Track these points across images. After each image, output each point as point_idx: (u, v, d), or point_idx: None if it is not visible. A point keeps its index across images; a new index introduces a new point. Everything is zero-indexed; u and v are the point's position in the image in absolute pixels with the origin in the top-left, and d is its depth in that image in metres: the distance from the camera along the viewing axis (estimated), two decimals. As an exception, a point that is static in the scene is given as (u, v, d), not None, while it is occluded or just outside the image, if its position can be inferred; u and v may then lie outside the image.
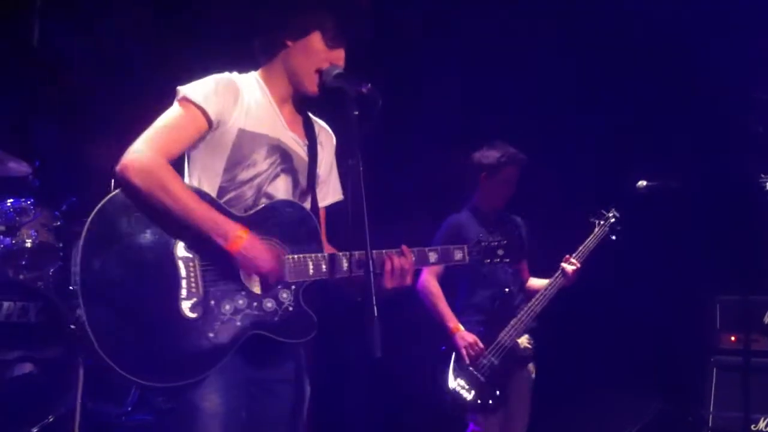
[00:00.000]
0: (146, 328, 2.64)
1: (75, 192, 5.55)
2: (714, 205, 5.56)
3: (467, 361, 4.54)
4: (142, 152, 2.72)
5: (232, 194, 2.87)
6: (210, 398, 2.72)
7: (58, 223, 5.38)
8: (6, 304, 4.84)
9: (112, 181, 5.48)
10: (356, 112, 2.75)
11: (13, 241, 5.18)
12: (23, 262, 5.21)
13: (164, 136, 2.77)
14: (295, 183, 2.99)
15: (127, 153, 2.73)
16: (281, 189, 2.95)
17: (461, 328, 4.62)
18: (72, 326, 4.72)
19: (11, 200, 5.26)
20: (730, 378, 5.05)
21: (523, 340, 4.71)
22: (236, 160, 2.87)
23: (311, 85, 2.94)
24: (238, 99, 2.88)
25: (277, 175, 2.94)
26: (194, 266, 2.71)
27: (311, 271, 2.83)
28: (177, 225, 2.70)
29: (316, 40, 2.91)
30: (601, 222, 4.85)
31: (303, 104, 3.07)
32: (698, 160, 5.62)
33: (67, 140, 5.79)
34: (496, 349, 4.57)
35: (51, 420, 4.78)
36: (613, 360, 5.78)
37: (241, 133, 2.87)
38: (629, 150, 5.78)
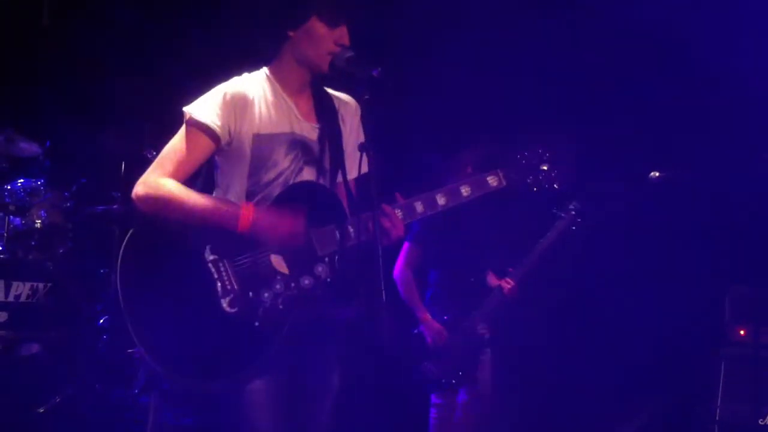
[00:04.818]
0: (195, 333, 2.74)
1: (85, 173, 5.57)
2: (724, 196, 5.52)
3: (432, 348, 4.77)
4: (147, 182, 2.84)
5: (259, 196, 2.91)
6: (254, 381, 2.79)
7: (68, 204, 5.41)
8: (15, 284, 4.86)
9: (122, 164, 5.52)
10: (366, 96, 2.75)
11: (24, 221, 5.21)
12: (33, 243, 5.23)
13: (172, 162, 2.86)
14: (321, 170, 3.01)
15: (136, 184, 2.85)
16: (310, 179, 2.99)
17: (429, 317, 4.84)
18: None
19: (22, 180, 5.29)
20: (738, 371, 5.03)
21: (481, 327, 4.82)
22: (258, 163, 2.91)
23: (325, 66, 2.93)
24: (247, 106, 2.90)
25: (301, 169, 2.96)
26: (224, 265, 2.79)
27: (338, 240, 2.85)
28: (197, 230, 2.79)
29: (315, 24, 2.91)
30: (562, 214, 4.82)
31: (319, 86, 3.07)
32: (708, 149, 5.58)
33: (77, 121, 5.80)
34: (458, 335, 4.75)
35: (58, 400, 4.80)
36: (621, 352, 5.76)
37: (257, 137, 2.90)
38: (641, 142, 5.73)
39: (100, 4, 5.87)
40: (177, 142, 2.89)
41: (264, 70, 3.02)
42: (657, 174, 4.87)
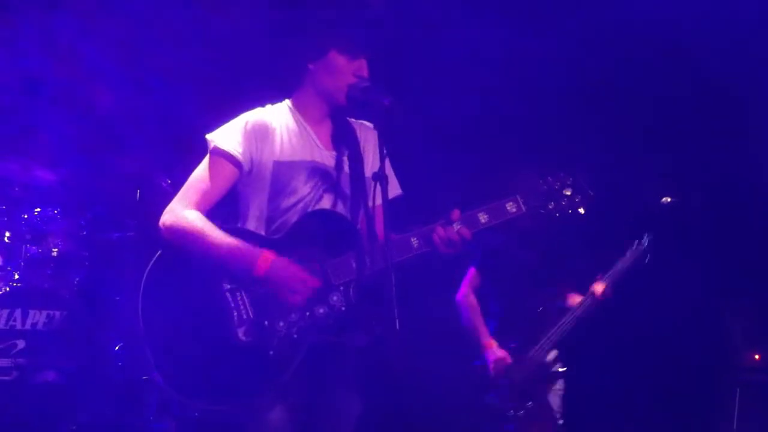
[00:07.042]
0: (211, 360, 2.80)
1: (100, 202, 5.60)
2: (739, 221, 5.51)
3: (493, 375, 4.59)
4: (173, 211, 2.93)
5: (278, 222, 2.98)
6: (269, 408, 2.84)
7: (84, 233, 5.45)
8: (32, 312, 4.89)
9: (137, 191, 5.55)
10: (380, 126, 2.80)
11: (39, 250, 5.25)
12: (48, 271, 5.26)
13: (197, 190, 2.96)
14: (342, 197, 3.06)
15: (164, 212, 2.94)
16: (327, 208, 3.03)
17: (494, 343, 4.69)
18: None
19: (38, 209, 5.33)
20: (753, 396, 5.02)
21: (551, 356, 4.68)
22: (277, 190, 2.98)
23: (342, 98, 3.01)
24: (268, 135, 2.98)
25: (321, 197, 3.03)
26: (241, 295, 2.85)
27: (354, 269, 2.89)
28: (215, 264, 2.85)
29: (335, 56, 2.99)
30: (635, 246, 4.79)
31: (341, 115, 3.13)
32: (719, 170, 5.56)
33: (93, 150, 5.84)
34: (526, 363, 4.61)
35: (74, 428, 4.81)
36: (636, 377, 5.73)
37: (277, 165, 2.97)
38: (646, 161, 5.72)
39: (117, 31, 5.92)
40: (202, 171, 2.98)
41: (286, 102, 3.10)
42: (668, 199, 4.89)
